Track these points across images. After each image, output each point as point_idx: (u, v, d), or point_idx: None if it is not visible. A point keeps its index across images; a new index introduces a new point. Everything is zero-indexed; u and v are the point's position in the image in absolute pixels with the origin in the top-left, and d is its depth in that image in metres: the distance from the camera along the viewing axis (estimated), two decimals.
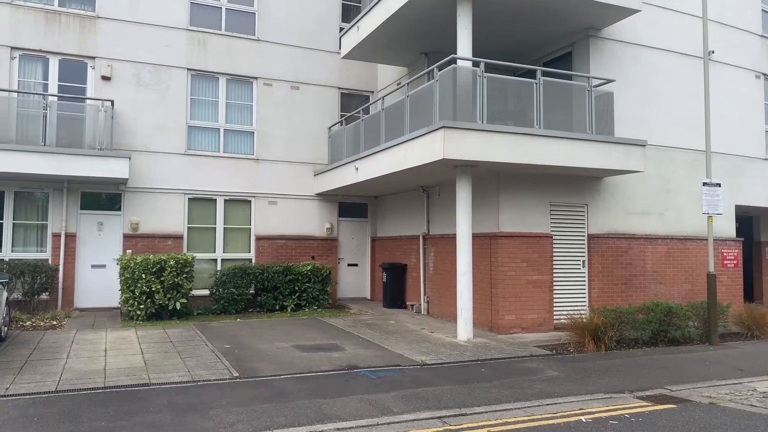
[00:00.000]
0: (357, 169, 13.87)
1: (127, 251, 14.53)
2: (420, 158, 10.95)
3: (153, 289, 12.82)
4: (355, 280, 17.63)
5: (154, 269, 12.91)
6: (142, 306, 12.80)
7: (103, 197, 14.88)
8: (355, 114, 15.55)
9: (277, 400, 6.87)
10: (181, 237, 15.28)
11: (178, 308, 13.10)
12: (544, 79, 11.38)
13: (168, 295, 13.01)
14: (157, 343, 10.19)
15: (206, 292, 14.78)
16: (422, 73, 12.46)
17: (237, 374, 8.01)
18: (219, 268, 15.37)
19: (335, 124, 16.78)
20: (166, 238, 15.14)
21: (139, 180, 14.95)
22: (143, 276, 12.79)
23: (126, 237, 14.81)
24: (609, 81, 12.12)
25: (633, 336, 10.87)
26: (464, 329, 10.98)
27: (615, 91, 12.10)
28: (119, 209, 14.91)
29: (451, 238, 13.21)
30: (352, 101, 17.32)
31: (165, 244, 15.12)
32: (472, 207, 11.22)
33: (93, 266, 14.63)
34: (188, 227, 15.47)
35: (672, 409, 6.86)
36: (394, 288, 15.67)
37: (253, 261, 15.90)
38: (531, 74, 11.71)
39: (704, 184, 11.52)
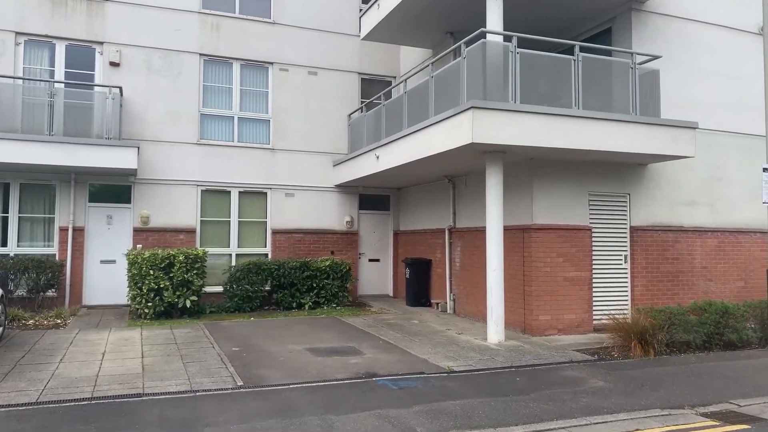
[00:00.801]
0: (378, 157, 12.94)
1: (137, 246, 13.83)
2: (446, 143, 9.98)
3: (161, 286, 12.08)
4: (376, 276, 16.73)
5: (163, 265, 12.17)
6: (150, 304, 12.06)
7: (113, 189, 14.19)
8: (375, 100, 14.62)
9: (283, 415, 5.99)
10: (193, 231, 14.54)
11: (188, 306, 12.34)
12: (583, 56, 10.30)
13: (177, 293, 12.26)
14: (161, 345, 9.41)
15: (220, 288, 14.01)
16: (448, 50, 11.44)
17: (241, 383, 7.16)
18: (233, 263, 14.60)
19: (355, 111, 15.86)
20: (178, 232, 14.41)
21: (149, 171, 14.24)
22: (151, 272, 12.05)
23: (136, 231, 14.12)
24: (655, 57, 10.96)
25: (683, 339, 9.75)
26: (495, 331, 9.99)
27: (659, 70, 10.95)
28: (129, 202, 14.22)
29: (480, 232, 12.25)
30: (373, 88, 16.36)
31: (177, 238, 14.39)
32: (503, 197, 10.20)
33: (102, 261, 13.97)
34: (201, 221, 14.72)
35: (746, 430, 5.81)
36: (417, 285, 14.72)
37: (269, 256, 15.10)
38: (567, 52, 10.64)
39: (764, 169, 10.32)
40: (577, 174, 11.23)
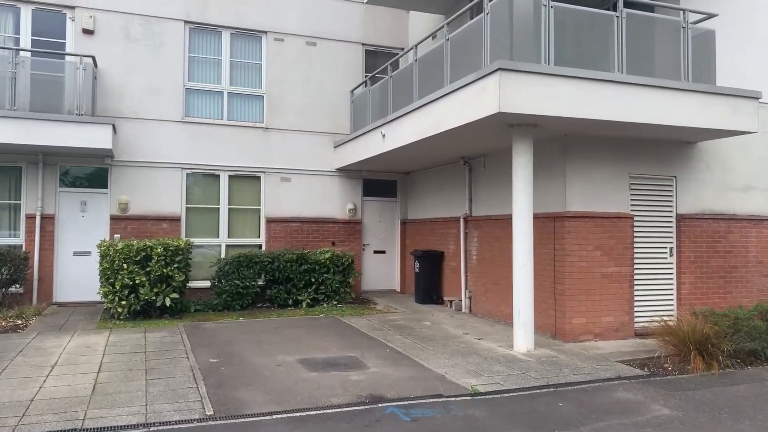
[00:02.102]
0: (384, 136, 11.35)
1: (115, 236, 12.31)
2: (465, 116, 8.38)
3: (137, 281, 10.57)
4: (382, 269, 15.18)
5: (139, 258, 10.66)
6: (123, 303, 10.56)
7: (87, 172, 12.67)
8: (379, 74, 12.99)
9: None
10: (178, 219, 13.00)
11: (168, 304, 10.82)
12: (627, 11, 8.65)
13: (156, 290, 10.75)
14: (126, 354, 7.90)
15: (208, 284, 12.52)
16: (466, 8, 9.78)
17: (211, 411, 5.63)
18: (223, 255, 13.08)
19: (358, 86, 14.24)
20: (160, 220, 12.88)
21: (128, 152, 12.69)
22: (125, 266, 10.54)
23: (114, 219, 12.59)
24: (711, 15, 9.32)
25: (749, 348, 8.16)
26: (523, 337, 8.44)
27: (714, 31, 9.30)
28: (106, 186, 12.68)
29: (500, 221, 10.71)
30: (378, 61, 14.72)
31: (159, 227, 12.87)
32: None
33: (75, 253, 12.46)
34: (187, 208, 13.18)
35: None
36: (428, 280, 13.18)
37: (263, 247, 13.57)
38: (608, 7, 9.01)
39: None
40: (617, 153, 9.63)
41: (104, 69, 12.56)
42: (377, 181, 14.98)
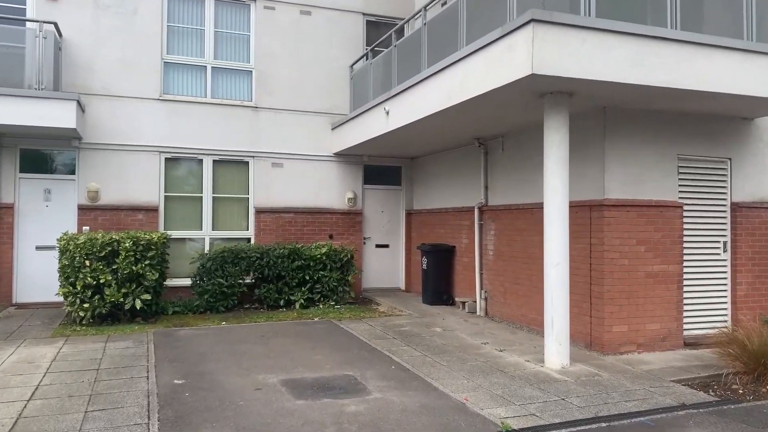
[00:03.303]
0: (387, 112, 9.86)
1: (84, 228, 10.90)
2: (486, 82, 6.89)
3: (102, 281, 9.12)
4: (384, 265, 13.72)
5: (104, 253, 9.20)
6: (86, 305, 9.12)
7: (52, 156, 11.21)
8: (379, 48, 11.48)
9: None
10: (155, 209, 11.54)
11: (138, 307, 9.38)
12: None
13: (124, 290, 9.29)
14: (73, 373, 6.47)
15: (190, 282, 11.08)
16: None
17: None
18: (207, 250, 11.62)
19: (358, 60, 12.72)
20: (135, 210, 11.41)
21: (99, 133, 11.22)
22: (87, 263, 9.10)
23: (82, 209, 11.13)
24: None
25: None
26: (556, 351, 6.98)
27: None
28: (73, 172, 11.22)
29: (522, 210, 9.26)
30: (382, 32, 13.14)
31: (134, 218, 11.41)
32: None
33: (38, 248, 11.03)
34: (165, 197, 11.71)
35: None
36: (437, 278, 11.71)
37: (253, 241, 12.12)
38: None
39: None
40: (662, 131, 8.14)
41: (71, 39, 11.06)
42: (380, 167, 13.49)
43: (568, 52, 6.22)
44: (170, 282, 11.15)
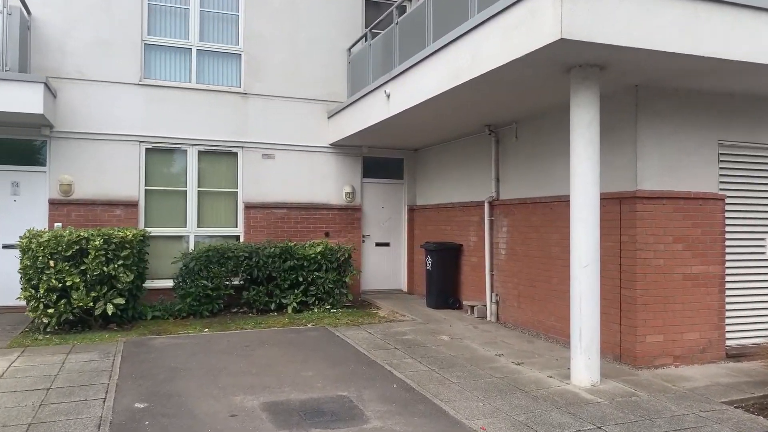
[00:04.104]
0: (388, 96, 8.87)
1: (56, 224, 9.92)
2: (506, 52, 5.89)
3: (69, 283, 8.14)
4: (385, 265, 12.73)
5: (70, 252, 8.21)
6: (51, 310, 8.12)
7: (19, 146, 10.19)
8: (377, 30, 10.48)
9: None
10: (135, 204, 10.55)
11: (110, 312, 8.39)
12: None
13: (93, 293, 8.31)
14: (18, 394, 5.48)
15: (172, 283, 10.12)
16: None
17: None
18: (192, 248, 10.64)
19: (356, 43, 11.72)
20: (113, 205, 10.43)
21: (72, 121, 10.24)
22: (51, 263, 8.11)
23: (54, 204, 10.14)
24: None
25: None
26: (586, 367, 5.99)
27: None
28: (44, 164, 10.23)
29: (539, 205, 8.29)
30: (381, 13, 12.15)
31: (112, 214, 10.42)
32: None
33: (5, 247, 10.03)
34: (146, 190, 10.72)
35: None
36: (443, 279, 10.73)
37: (242, 239, 11.14)
38: None
39: None
40: (702, 114, 7.15)
41: (41, 18, 10.07)
42: (380, 159, 12.50)
43: (604, 13, 5.23)
44: (151, 284, 10.20)
